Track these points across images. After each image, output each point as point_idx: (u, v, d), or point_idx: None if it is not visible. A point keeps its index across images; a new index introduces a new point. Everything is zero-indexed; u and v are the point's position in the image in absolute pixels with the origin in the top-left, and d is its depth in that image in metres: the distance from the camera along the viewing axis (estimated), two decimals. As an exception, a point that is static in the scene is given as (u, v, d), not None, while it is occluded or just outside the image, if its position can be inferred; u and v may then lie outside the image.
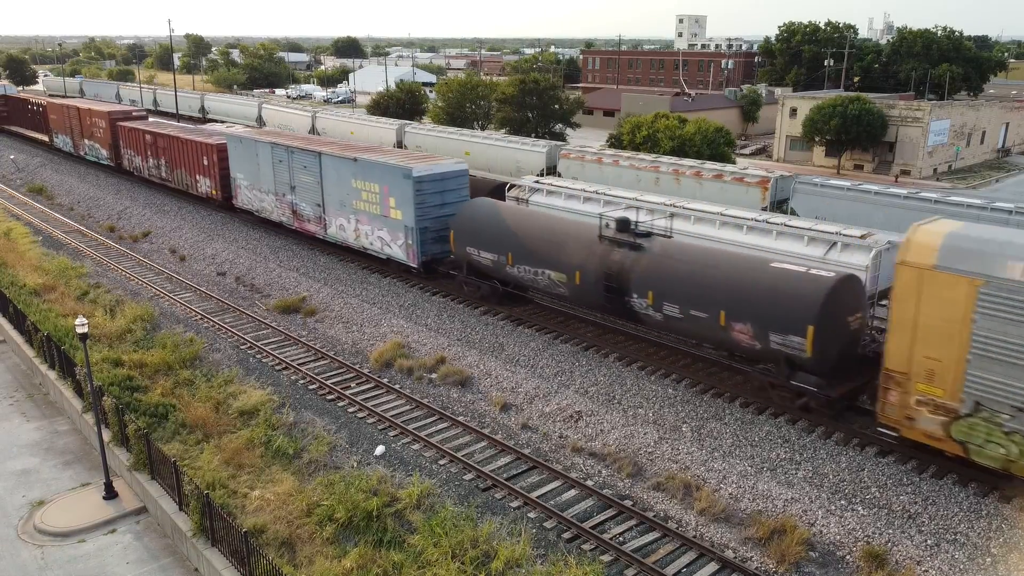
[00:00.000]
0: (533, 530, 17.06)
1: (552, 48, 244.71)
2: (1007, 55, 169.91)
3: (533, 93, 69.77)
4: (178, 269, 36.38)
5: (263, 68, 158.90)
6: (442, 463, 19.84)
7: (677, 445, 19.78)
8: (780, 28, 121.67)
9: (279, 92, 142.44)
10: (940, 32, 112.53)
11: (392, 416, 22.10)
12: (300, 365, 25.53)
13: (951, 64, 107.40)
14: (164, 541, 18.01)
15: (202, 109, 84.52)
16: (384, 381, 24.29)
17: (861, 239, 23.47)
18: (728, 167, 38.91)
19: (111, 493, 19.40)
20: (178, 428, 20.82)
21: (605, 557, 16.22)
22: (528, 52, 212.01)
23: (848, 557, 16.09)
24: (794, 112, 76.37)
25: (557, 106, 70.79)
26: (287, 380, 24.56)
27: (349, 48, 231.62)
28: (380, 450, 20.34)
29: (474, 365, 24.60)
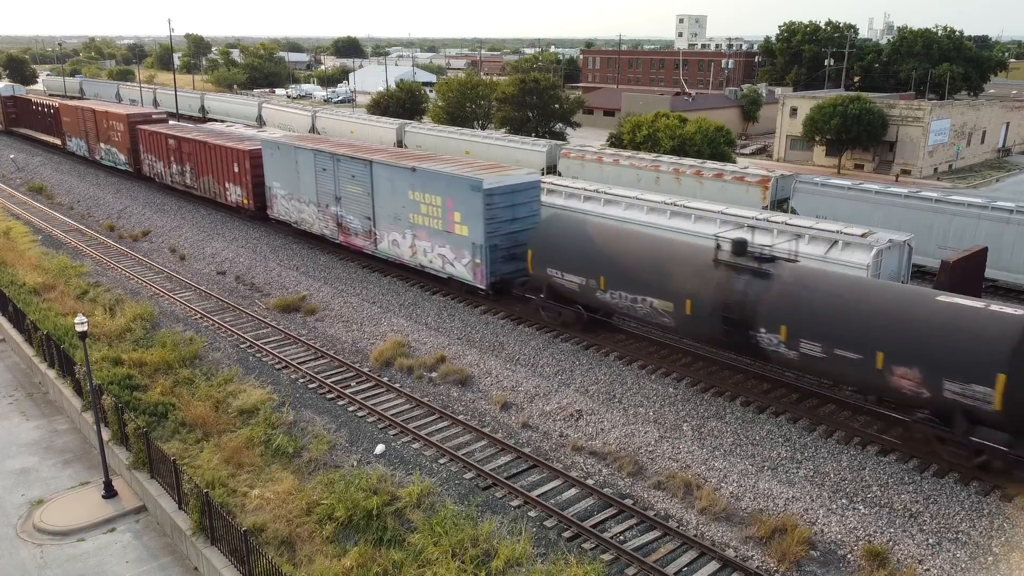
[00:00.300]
0: (533, 529, 17.02)
1: (552, 48, 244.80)
2: (1007, 55, 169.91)
3: (533, 92, 69.79)
4: (178, 268, 36.34)
5: (263, 68, 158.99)
6: (442, 462, 19.80)
7: (678, 444, 19.75)
8: (780, 28, 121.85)
9: (279, 92, 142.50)
10: (940, 32, 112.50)
11: (392, 415, 22.06)
12: (300, 364, 25.49)
13: (951, 64, 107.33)
14: (163, 540, 17.98)
15: (202, 109, 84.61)
16: (384, 380, 24.26)
17: (862, 237, 23.46)
18: (728, 166, 38.94)
19: (110, 492, 19.37)
20: (178, 427, 20.79)
21: (606, 556, 16.18)
22: (528, 52, 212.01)
23: (849, 556, 16.06)
24: (794, 112, 76.32)
25: (557, 105, 70.82)
26: (287, 379, 24.52)
27: (349, 48, 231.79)
28: (380, 449, 20.30)
29: (474, 364, 24.57)
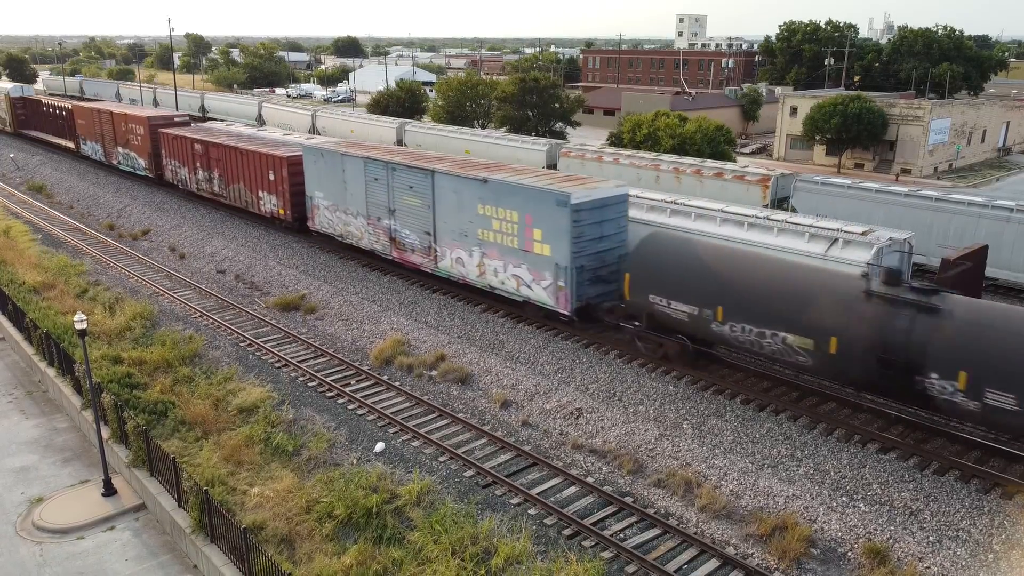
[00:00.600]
0: (533, 527, 17.00)
1: (552, 48, 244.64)
2: (1007, 54, 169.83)
3: (533, 92, 69.81)
4: (177, 267, 36.33)
5: (263, 67, 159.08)
6: (442, 460, 19.78)
7: (678, 442, 19.73)
8: (780, 27, 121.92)
9: (279, 91, 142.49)
10: (941, 31, 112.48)
11: (392, 413, 22.04)
12: (300, 362, 25.47)
13: (952, 63, 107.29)
14: (163, 538, 17.97)
15: (202, 108, 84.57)
16: (384, 378, 24.23)
17: (862, 236, 23.42)
18: (729, 165, 38.92)
19: (110, 490, 19.36)
20: (177, 425, 20.77)
21: (606, 554, 16.16)
22: (528, 52, 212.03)
23: (849, 554, 16.04)
24: (794, 111, 76.30)
25: (557, 105, 70.84)
26: (287, 377, 24.50)
27: (349, 48, 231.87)
28: (380, 447, 20.28)
29: (474, 362, 24.55)
